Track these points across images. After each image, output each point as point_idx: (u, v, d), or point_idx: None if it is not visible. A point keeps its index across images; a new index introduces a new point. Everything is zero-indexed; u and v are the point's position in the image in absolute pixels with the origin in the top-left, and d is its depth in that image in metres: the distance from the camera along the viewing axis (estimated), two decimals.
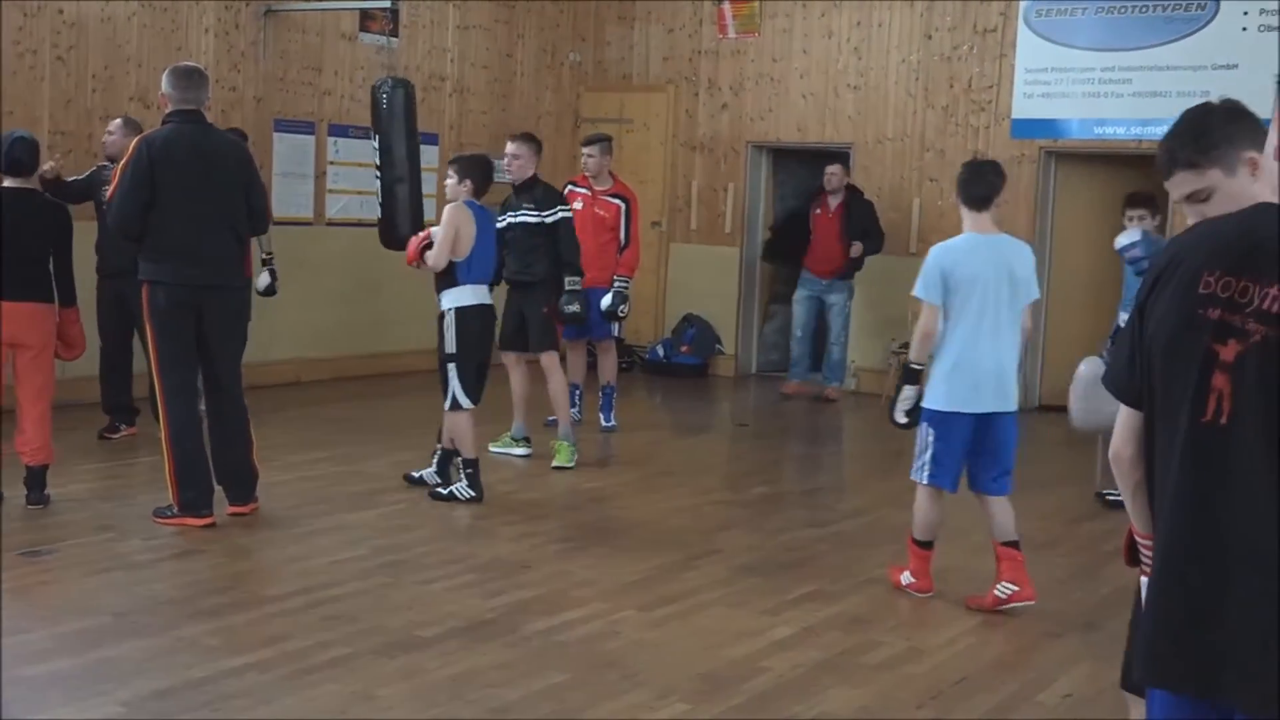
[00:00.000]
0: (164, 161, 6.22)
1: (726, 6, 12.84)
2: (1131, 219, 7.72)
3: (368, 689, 4.54)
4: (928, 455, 5.71)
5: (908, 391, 5.78)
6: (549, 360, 8.33)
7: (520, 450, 8.43)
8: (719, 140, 12.86)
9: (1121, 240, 7.29)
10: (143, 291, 6.39)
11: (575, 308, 8.20)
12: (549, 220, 8.17)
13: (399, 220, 9.56)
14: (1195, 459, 2.31)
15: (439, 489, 7.27)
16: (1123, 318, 7.49)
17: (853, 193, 11.55)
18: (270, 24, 10.74)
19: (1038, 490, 8.74)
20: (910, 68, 11.99)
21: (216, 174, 6.42)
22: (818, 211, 11.69)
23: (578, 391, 9.49)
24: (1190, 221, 2.75)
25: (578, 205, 9.05)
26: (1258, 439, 2.23)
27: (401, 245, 8.09)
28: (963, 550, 6.93)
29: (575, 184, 9.53)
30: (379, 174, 9.75)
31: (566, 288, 8.14)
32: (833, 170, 11.59)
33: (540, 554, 6.37)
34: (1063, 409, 12.26)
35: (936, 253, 5.83)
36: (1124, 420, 2.52)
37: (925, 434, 5.73)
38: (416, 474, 7.45)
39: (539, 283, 8.23)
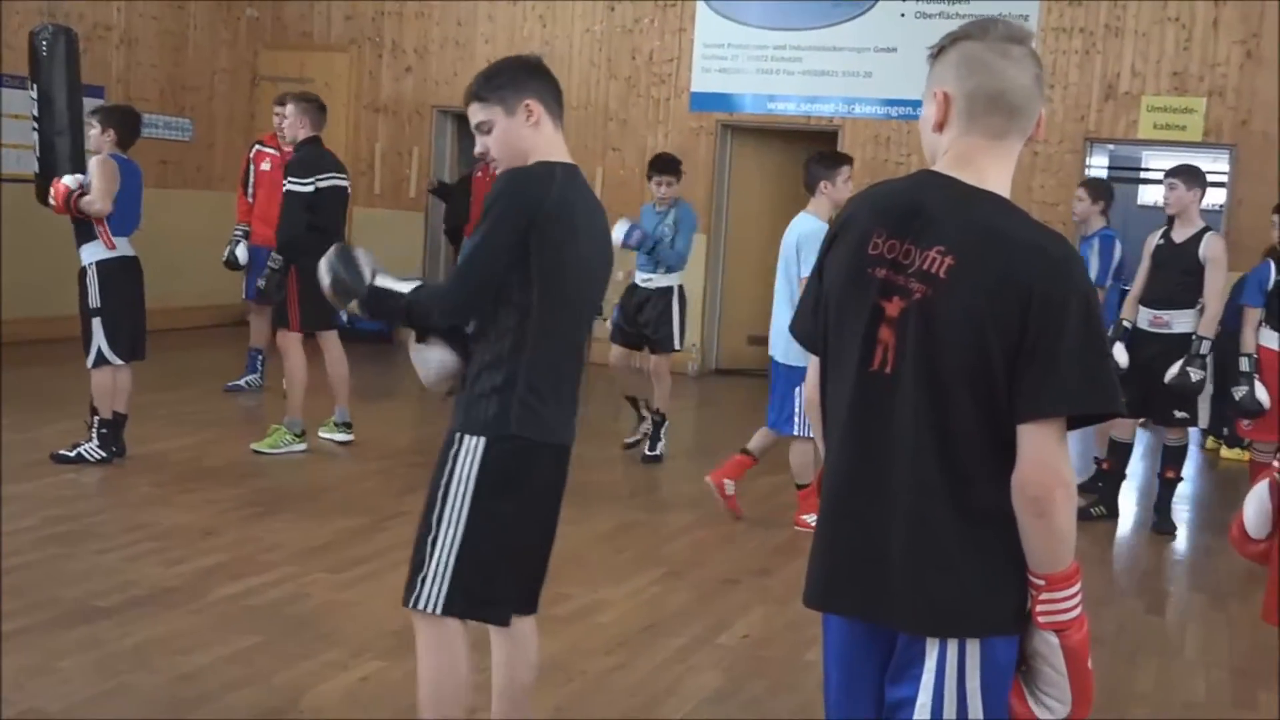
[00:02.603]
0: None
1: None
2: (660, 184, 8.20)
3: (46, 661, 4.37)
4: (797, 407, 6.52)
5: None
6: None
7: (342, 435, 8.01)
8: (403, 103, 12.76)
9: (617, 235, 7.30)
10: None
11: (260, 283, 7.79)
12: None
13: (59, 173, 9.06)
14: (863, 403, 2.44)
15: (64, 451, 6.99)
16: None
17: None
18: None
19: (715, 449, 9.12)
20: (594, 37, 12.20)
21: None
22: (479, 175, 11.71)
23: (259, 357, 9.34)
24: (478, 150, 3.40)
25: (265, 166, 8.84)
26: (917, 387, 2.36)
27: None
28: (644, 507, 7.22)
29: (263, 144, 9.28)
30: (36, 126, 9.25)
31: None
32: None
33: (224, 520, 6.22)
34: (737, 372, 12.86)
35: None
36: (810, 368, 2.65)
37: (794, 392, 6.37)
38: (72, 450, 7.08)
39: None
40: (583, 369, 3.49)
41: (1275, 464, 3.80)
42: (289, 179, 7.58)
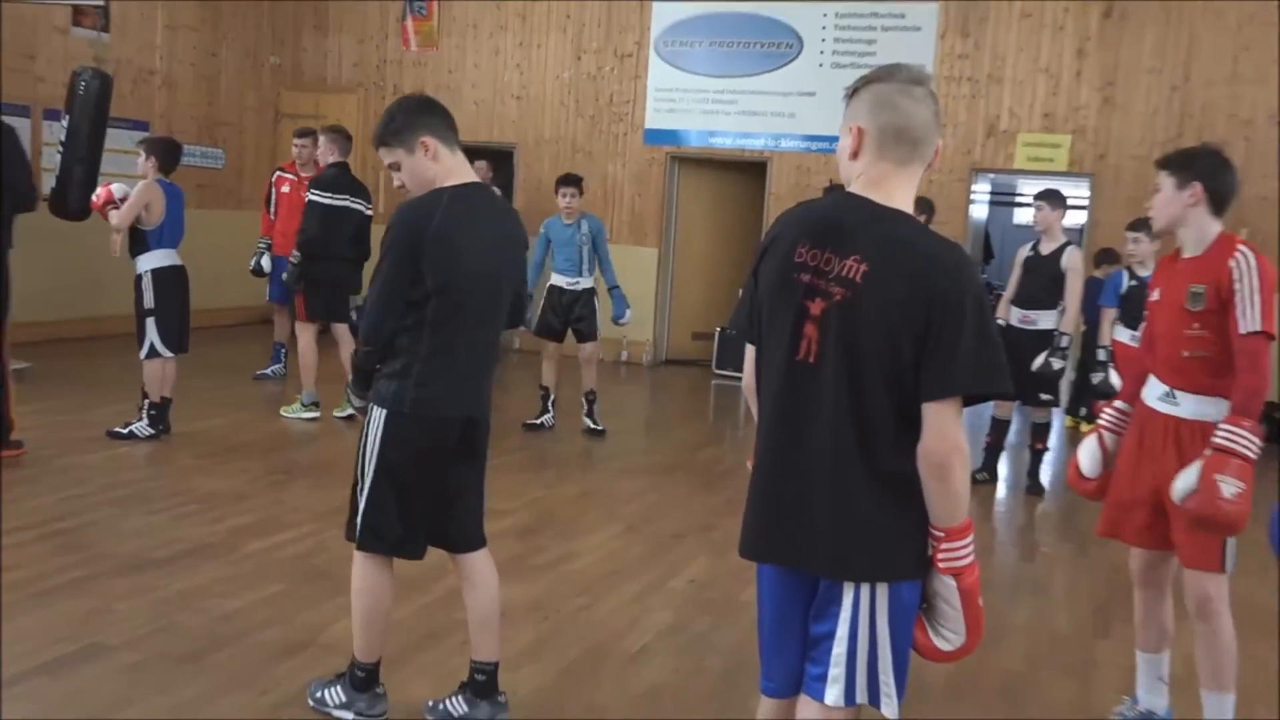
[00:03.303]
0: None
1: (409, 23, 12.64)
2: (565, 195, 7.95)
3: (105, 604, 4.34)
4: None
5: None
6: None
7: (310, 414, 7.92)
8: None
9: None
10: None
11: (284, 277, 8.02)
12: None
13: (69, 194, 8.92)
14: (791, 388, 2.45)
15: (118, 428, 6.93)
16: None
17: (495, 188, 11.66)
18: None
19: (665, 427, 9.16)
20: (564, 83, 12.17)
21: None
22: None
23: (282, 349, 9.30)
24: (395, 183, 3.41)
25: (285, 189, 8.78)
26: (836, 375, 2.37)
27: (69, 214, 7.67)
28: (606, 475, 7.21)
29: (284, 170, 9.20)
30: (61, 151, 9.10)
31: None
32: (478, 165, 11.65)
33: (254, 487, 6.19)
34: (682, 362, 12.78)
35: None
36: (748, 358, 2.65)
37: None
38: (125, 428, 7.01)
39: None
40: (488, 356, 3.49)
41: (1101, 421, 3.88)
42: (313, 190, 7.71)
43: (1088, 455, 3.86)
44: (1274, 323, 3.37)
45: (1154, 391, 3.64)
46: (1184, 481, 3.33)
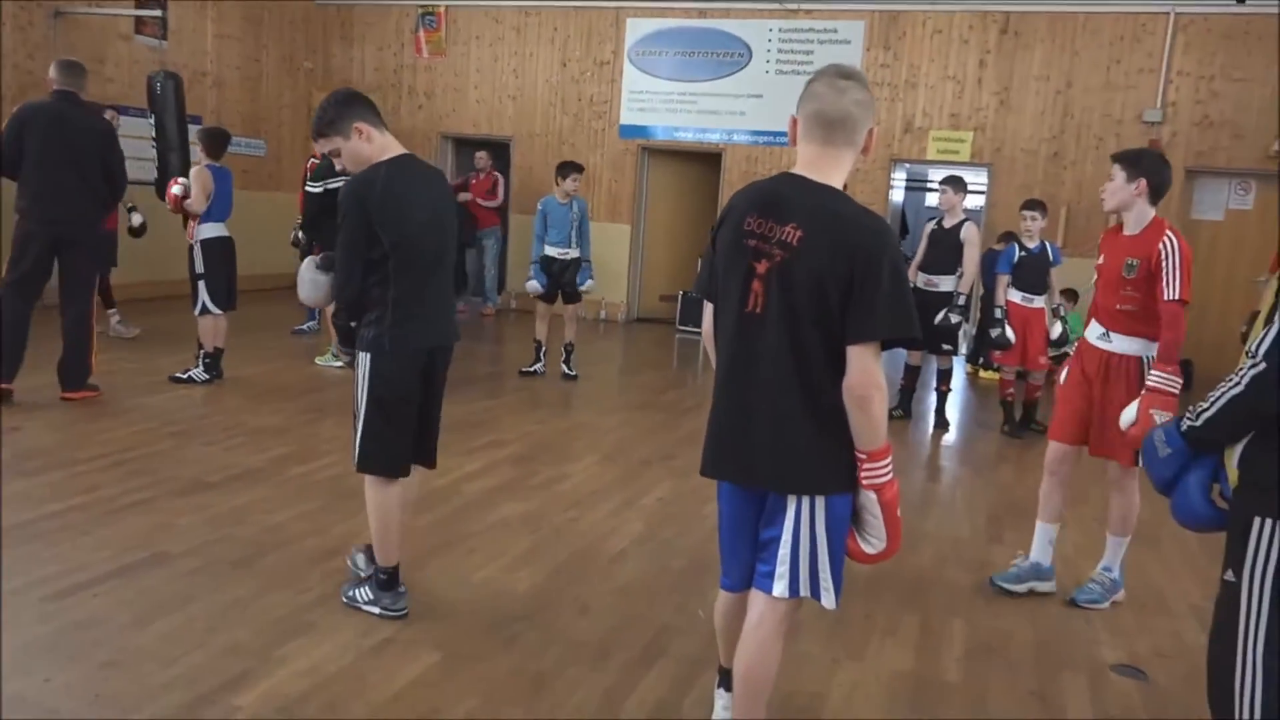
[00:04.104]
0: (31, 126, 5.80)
1: (421, 34, 12.41)
2: (575, 180, 7.78)
3: (168, 520, 4.29)
4: None
5: None
6: None
7: (339, 363, 7.75)
8: (416, 131, 12.47)
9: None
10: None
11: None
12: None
13: (169, 180, 8.79)
14: (742, 334, 2.44)
15: (178, 374, 6.87)
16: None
17: (496, 173, 11.54)
18: (59, 24, 9.52)
19: (636, 374, 9.14)
20: (552, 85, 12.00)
21: (79, 143, 5.91)
22: (474, 182, 11.54)
23: (315, 309, 9.14)
24: (338, 166, 3.39)
25: None
26: (778, 323, 2.36)
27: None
28: (588, 412, 7.19)
29: (315, 158, 9.01)
30: (155, 145, 8.93)
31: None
32: (480, 154, 11.55)
33: (293, 422, 6.12)
34: (651, 320, 12.74)
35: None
36: (707, 312, 2.63)
37: None
38: (184, 373, 6.92)
39: None
40: (445, 292, 3.48)
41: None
42: (309, 183, 7.60)
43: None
44: (1189, 291, 3.73)
45: (1094, 332, 4.00)
46: (1127, 415, 3.59)
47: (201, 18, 11.12)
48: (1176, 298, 3.69)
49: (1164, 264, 3.72)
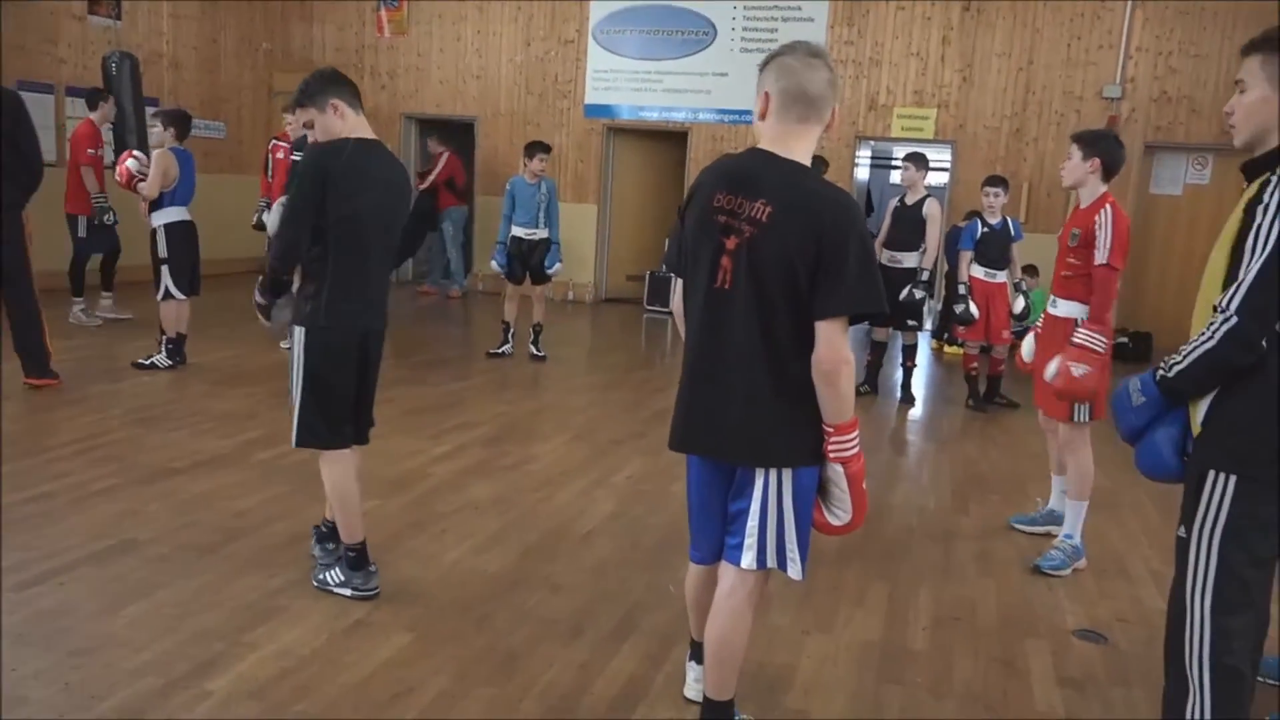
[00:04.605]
0: None
1: (383, 13, 12.26)
2: (541, 160, 7.75)
3: (136, 506, 4.25)
4: None
5: None
6: None
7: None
8: (379, 111, 12.33)
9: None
10: None
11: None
12: None
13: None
14: (711, 310, 2.44)
15: (141, 360, 6.79)
16: None
17: (453, 155, 11.44)
18: (9, 4, 9.30)
19: (605, 353, 9.15)
20: (516, 65, 11.92)
21: None
22: (439, 169, 11.42)
23: None
24: (310, 137, 3.51)
25: (279, 155, 8.50)
26: (747, 298, 2.37)
27: None
28: (556, 392, 7.19)
29: (278, 139, 8.90)
30: (112, 126, 8.77)
31: None
32: (431, 140, 11.51)
33: (260, 407, 6.06)
34: (619, 300, 12.73)
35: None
36: (676, 288, 2.64)
37: None
38: (147, 360, 6.85)
39: None
40: (382, 280, 3.50)
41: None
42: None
43: (1026, 347, 4.51)
44: (1119, 259, 4.00)
45: (1051, 301, 4.31)
46: (1051, 368, 3.95)
47: None
48: (1105, 262, 3.99)
49: (1098, 232, 4.03)
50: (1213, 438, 2.27)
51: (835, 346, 2.32)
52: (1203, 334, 2.23)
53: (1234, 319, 2.16)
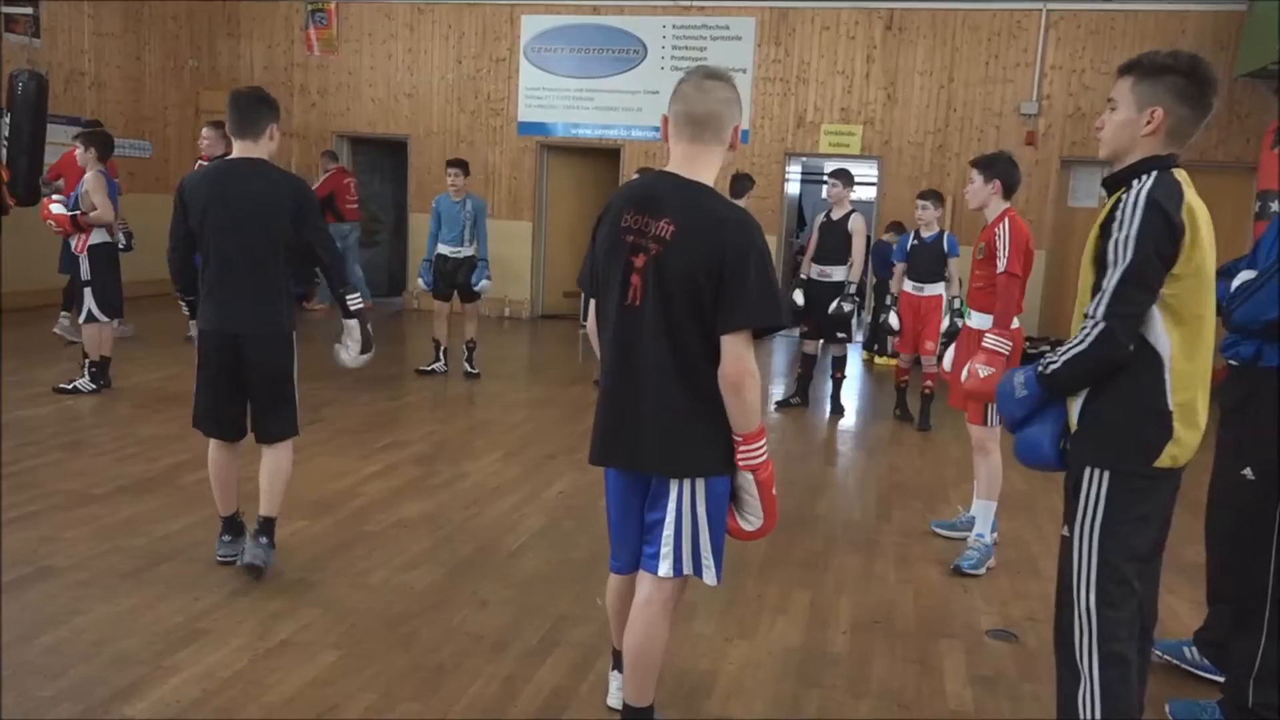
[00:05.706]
0: None
1: (312, 31, 12.19)
2: (451, 174, 7.82)
3: (55, 533, 4.20)
4: None
5: None
6: None
7: None
8: (310, 130, 12.26)
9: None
10: None
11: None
12: None
13: (17, 182, 8.55)
14: (622, 327, 2.52)
15: (63, 384, 6.70)
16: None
17: (337, 172, 11.27)
18: None
19: (540, 370, 9.17)
20: (448, 83, 11.93)
21: None
22: (345, 181, 11.31)
23: None
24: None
25: None
26: (655, 314, 2.45)
27: (19, 200, 7.45)
28: (489, 410, 7.20)
29: (204, 161, 8.81)
30: (5, 144, 8.64)
31: None
32: (323, 156, 11.35)
33: (186, 430, 5.77)
34: (555, 316, 12.68)
35: None
36: (591, 306, 2.70)
37: None
38: (69, 384, 6.74)
39: None
40: (243, 289, 3.78)
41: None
42: None
43: (947, 358, 4.78)
44: (1018, 266, 4.31)
45: (966, 313, 4.63)
46: (964, 372, 4.11)
47: (78, 15, 10.74)
48: (1004, 270, 4.31)
49: (998, 244, 4.34)
50: (1086, 436, 2.43)
51: (740, 359, 2.40)
52: (1075, 339, 2.38)
53: (1101, 324, 2.33)
